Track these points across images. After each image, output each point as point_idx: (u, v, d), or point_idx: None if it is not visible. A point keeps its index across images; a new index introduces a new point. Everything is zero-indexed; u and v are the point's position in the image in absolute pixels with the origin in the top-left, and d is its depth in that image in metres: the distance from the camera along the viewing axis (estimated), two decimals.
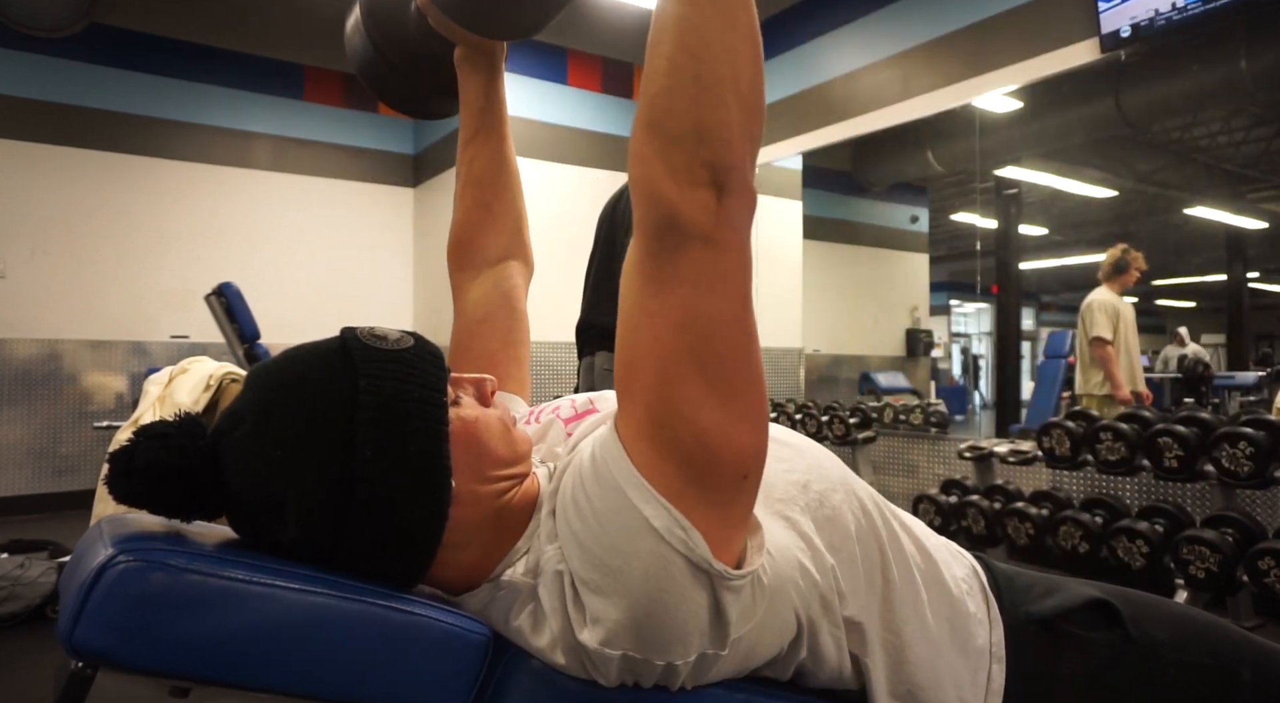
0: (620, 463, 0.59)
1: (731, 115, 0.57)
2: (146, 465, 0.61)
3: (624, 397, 0.61)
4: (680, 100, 0.57)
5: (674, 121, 0.57)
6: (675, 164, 0.56)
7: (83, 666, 0.54)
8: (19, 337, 4.76)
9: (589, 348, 2.15)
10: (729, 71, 0.57)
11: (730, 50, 0.58)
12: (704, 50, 0.57)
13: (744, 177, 0.58)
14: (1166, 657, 0.75)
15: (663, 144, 0.57)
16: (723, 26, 0.58)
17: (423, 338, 0.71)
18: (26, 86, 4.79)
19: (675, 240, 0.57)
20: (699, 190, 0.56)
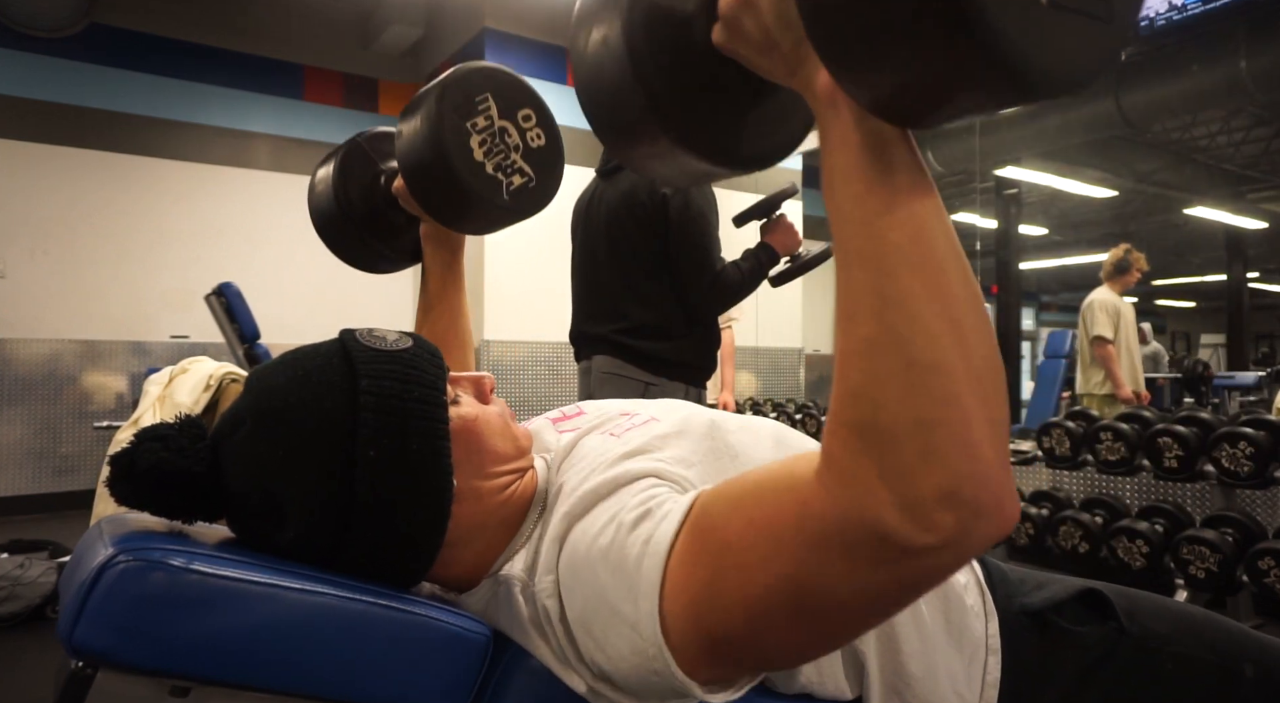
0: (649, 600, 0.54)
1: (967, 410, 0.43)
2: (147, 468, 0.62)
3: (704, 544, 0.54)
4: (891, 392, 0.44)
5: (887, 417, 0.44)
6: (896, 473, 0.44)
7: (83, 665, 0.54)
8: (19, 337, 4.76)
9: (585, 352, 2.15)
10: (952, 352, 0.44)
11: (949, 323, 0.44)
12: (913, 330, 0.44)
13: (997, 490, 0.44)
14: (1164, 651, 0.75)
15: (874, 442, 0.44)
16: (932, 295, 0.45)
17: (421, 338, 0.71)
18: (26, 86, 4.79)
19: (869, 543, 0.45)
20: (934, 518, 0.43)
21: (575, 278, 2.22)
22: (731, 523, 0.52)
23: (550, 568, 0.62)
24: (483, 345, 4.99)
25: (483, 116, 0.97)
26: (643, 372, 1.98)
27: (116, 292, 5.03)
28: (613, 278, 2.04)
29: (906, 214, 0.46)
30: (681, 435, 0.70)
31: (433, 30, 5.67)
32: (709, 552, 0.53)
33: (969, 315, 0.45)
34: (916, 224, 0.46)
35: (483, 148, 0.97)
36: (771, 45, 0.51)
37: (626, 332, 2.00)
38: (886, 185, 0.46)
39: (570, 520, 0.62)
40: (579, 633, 0.59)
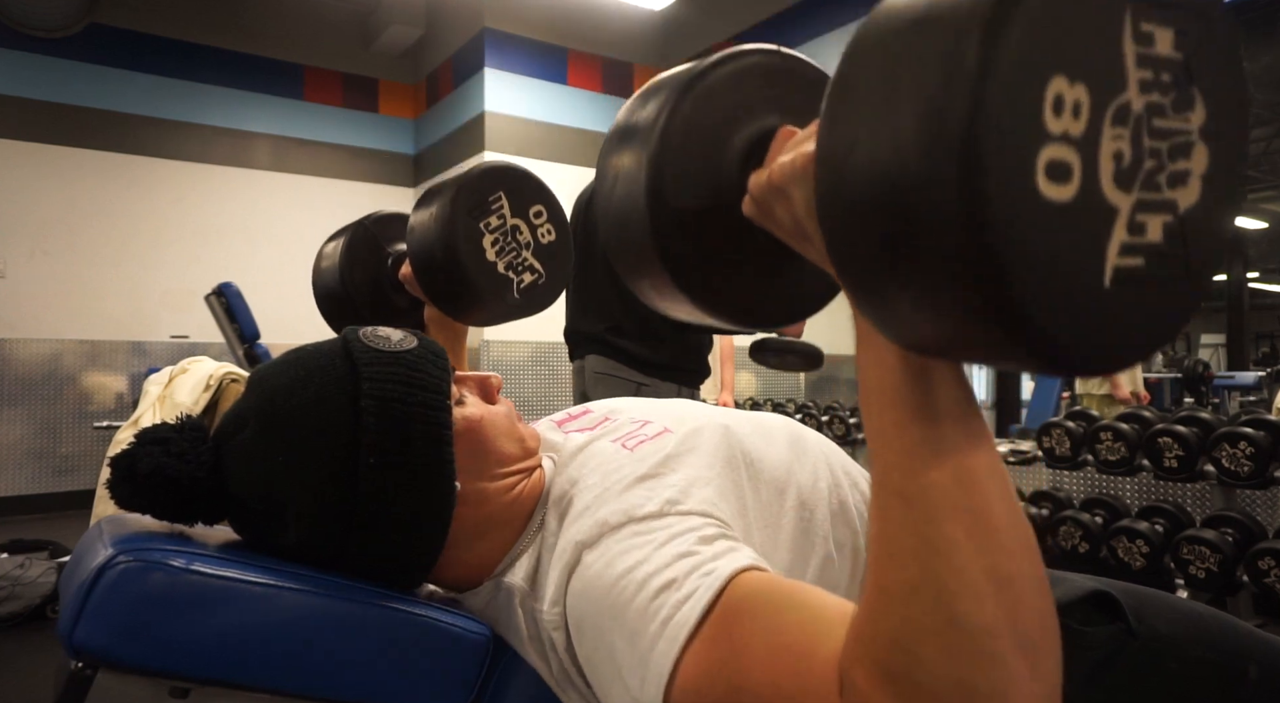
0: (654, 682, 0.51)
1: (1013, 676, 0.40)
2: (148, 472, 0.61)
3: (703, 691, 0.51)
4: (930, 648, 0.40)
5: (924, 673, 0.40)
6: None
7: (82, 666, 0.54)
8: (19, 337, 4.76)
9: (579, 351, 2.15)
10: (1000, 611, 0.40)
11: (997, 578, 0.40)
12: (958, 584, 0.40)
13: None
14: (1169, 652, 0.75)
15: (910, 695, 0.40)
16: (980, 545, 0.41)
17: (426, 337, 0.70)
18: (26, 86, 4.79)
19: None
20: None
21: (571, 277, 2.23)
22: (756, 668, 0.48)
23: (558, 600, 0.60)
24: (483, 345, 4.99)
25: (495, 215, 0.99)
26: (634, 372, 1.97)
27: (116, 292, 5.02)
28: (606, 276, 2.04)
29: (952, 454, 0.41)
30: (694, 450, 0.68)
31: (433, 30, 5.67)
32: (727, 680, 0.49)
33: (1022, 570, 0.41)
34: (964, 467, 0.41)
35: (495, 247, 0.98)
36: (804, 235, 0.47)
37: (617, 332, 2.00)
38: (929, 419, 0.42)
39: (581, 549, 0.59)
40: (585, 669, 0.59)
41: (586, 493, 0.64)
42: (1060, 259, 0.33)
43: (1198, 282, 0.38)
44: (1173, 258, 0.36)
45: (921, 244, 0.33)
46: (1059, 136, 0.32)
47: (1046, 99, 0.31)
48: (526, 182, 1.04)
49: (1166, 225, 0.36)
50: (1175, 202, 0.36)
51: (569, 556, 0.60)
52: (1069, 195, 0.32)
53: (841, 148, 0.36)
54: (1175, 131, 0.35)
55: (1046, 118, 0.31)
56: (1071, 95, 0.32)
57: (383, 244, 1.16)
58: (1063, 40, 0.32)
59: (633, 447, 0.69)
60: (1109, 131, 0.33)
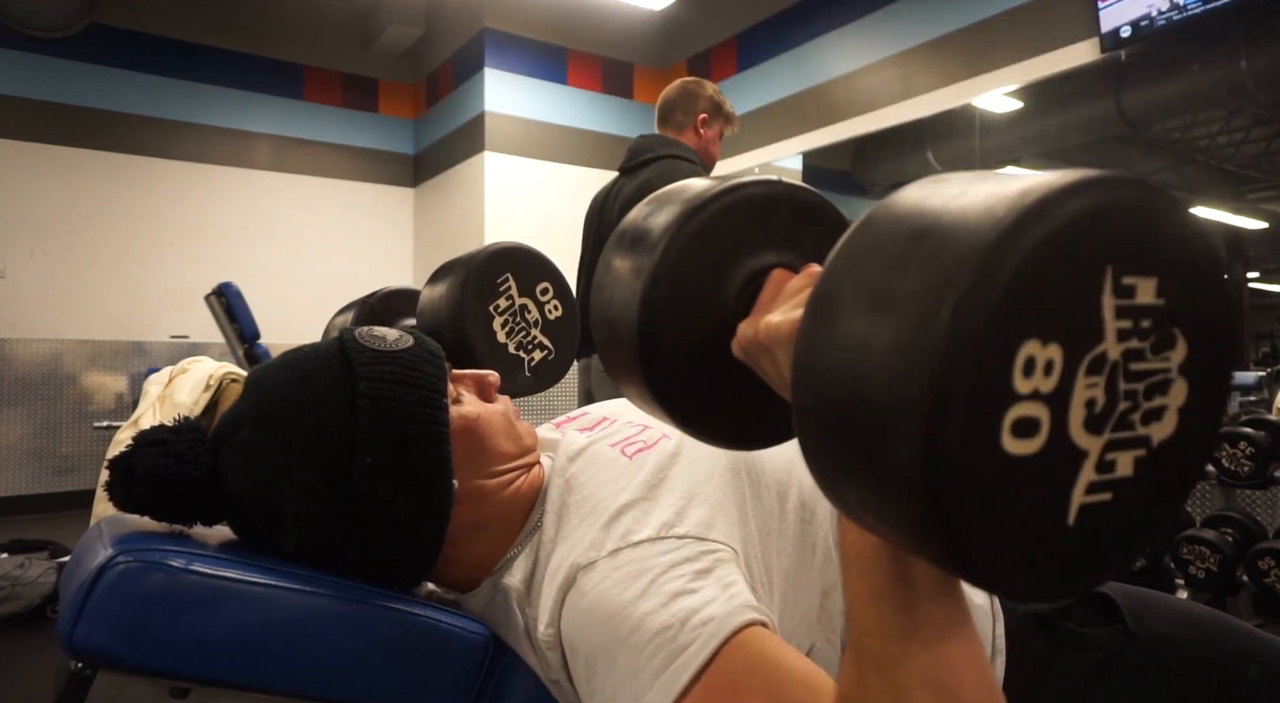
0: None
1: None
2: (146, 474, 0.61)
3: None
4: None
5: None
6: None
7: (82, 666, 0.54)
8: (19, 337, 4.76)
9: (586, 349, 2.15)
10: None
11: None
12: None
13: None
14: (1169, 652, 0.75)
15: None
16: None
17: (422, 337, 0.70)
18: (26, 86, 4.78)
19: None
20: None
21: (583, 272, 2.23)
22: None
23: (552, 621, 0.60)
24: None
25: (504, 297, 1.00)
26: None
27: (116, 292, 5.02)
28: None
29: (929, 634, 0.42)
30: (693, 460, 0.67)
31: (433, 30, 5.67)
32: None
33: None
34: (940, 651, 0.42)
35: (504, 328, 1.00)
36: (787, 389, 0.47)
37: None
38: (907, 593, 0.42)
39: (575, 571, 0.59)
40: (581, 691, 0.59)
41: (584, 505, 0.64)
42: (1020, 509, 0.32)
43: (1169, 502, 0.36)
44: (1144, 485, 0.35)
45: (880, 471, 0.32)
46: (1028, 395, 0.31)
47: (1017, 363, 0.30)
48: (533, 260, 1.05)
49: (1138, 459, 0.34)
50: (1149, 437, 0.35)
51: (564, 575, 0.59)
52: (1034, 448, 0.31)
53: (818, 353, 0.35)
54: (1153, 372, 0.34)
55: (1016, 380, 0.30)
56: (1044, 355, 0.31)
57: (390, 322, 1.16)
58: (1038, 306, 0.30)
59: (631, 454, 0.69)
60: (1082, 381, 0.32)
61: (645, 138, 2.30)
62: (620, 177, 2.25)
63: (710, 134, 2.30)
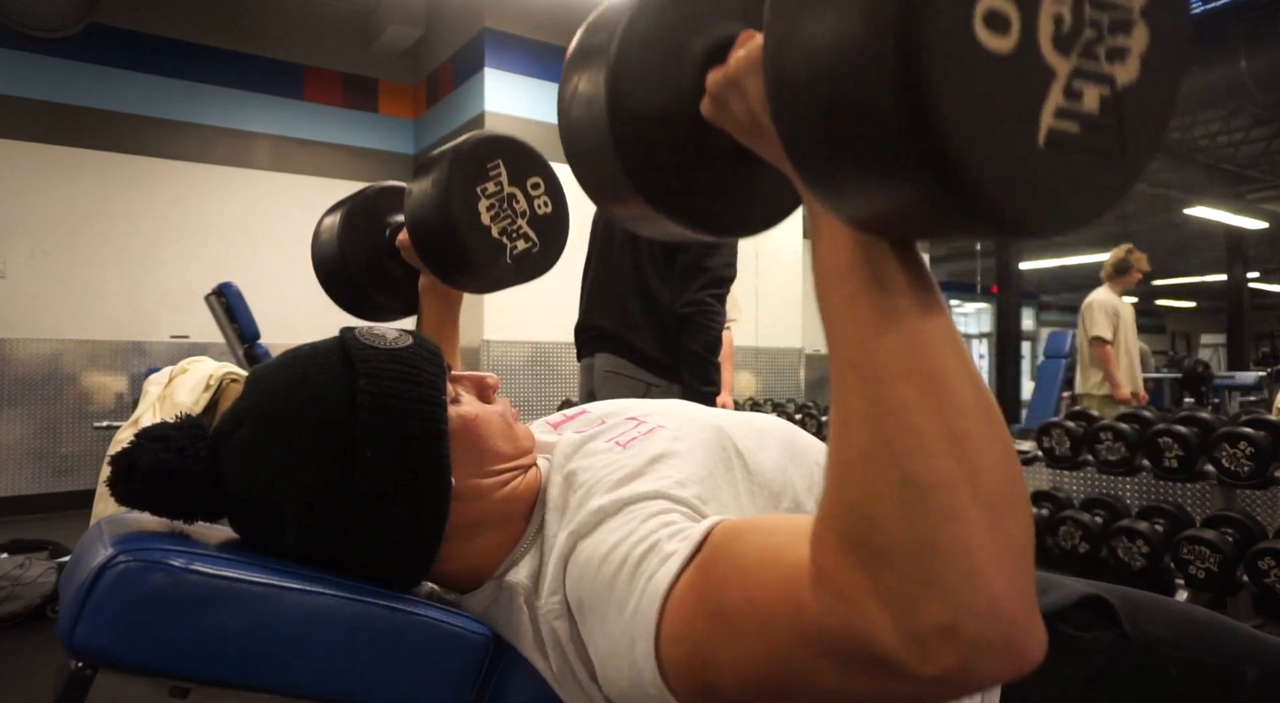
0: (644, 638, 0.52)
1: (970, 530, 0.38)
2: (148, 469, 0.61)
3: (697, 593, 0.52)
4: (887, 508, 0.40)
5: (883, 537, 0.40)
6: (893, 594, 0.39)
7: (82, 666, 0.54)
8: (19, 337, 4.76)
9: (588, 349, 2.14)
10: (956, 467, 0.39)
11: (950, 436, 0.40)
12: (911, 442, 0.40)
13: (1005, 623, 0.38)
14: (1167, 655, 0.75)
15: (870, 561, 0.40)
16: (932, 405, 0.40)
17: (421, 336, 0.71)
18: (26, 86, 4.79)
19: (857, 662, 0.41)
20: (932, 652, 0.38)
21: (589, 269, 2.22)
22: (731, 590, 0.49)
23: (556, 589, 0.61)
24: (483, 345, 4.99)
25: (493, 182, 1.00)
26: (645, 372, 1.97)
27: (116, 292, 5.03)
28: (625, 272, 2.03)
29: (903, 320, 0.42)
30: (688, 450, 0.68)
31: (433, 30, 5.67)
32: (705, 613, 0.50)
33: (978, 428, 0.40)
34: (915, 331, 0.42)
35: (490, 212, 0.99)
36: (759, 130, 0.49)
37: (630, 329, 1.99)
38: (882, 289, 0.42)
39: (576, 538, 0.60)
40: (590, 652, 0.59)
41: (580, 489, 0.65)
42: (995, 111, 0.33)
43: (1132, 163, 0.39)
44: (1107, 131, 0.37)
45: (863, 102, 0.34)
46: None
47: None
48: (526, 153, 1.06)
49: (1103, 98, 0.37)
50: (1113, 76, 0.37)
51: (564, 545, 0.61)
52: (1007, 48, 0.33)
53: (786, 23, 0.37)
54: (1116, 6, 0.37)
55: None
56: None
57: (382, 214, 1.16)
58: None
59: (626, 443, 0.69)
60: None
61: None
62: None
63: None
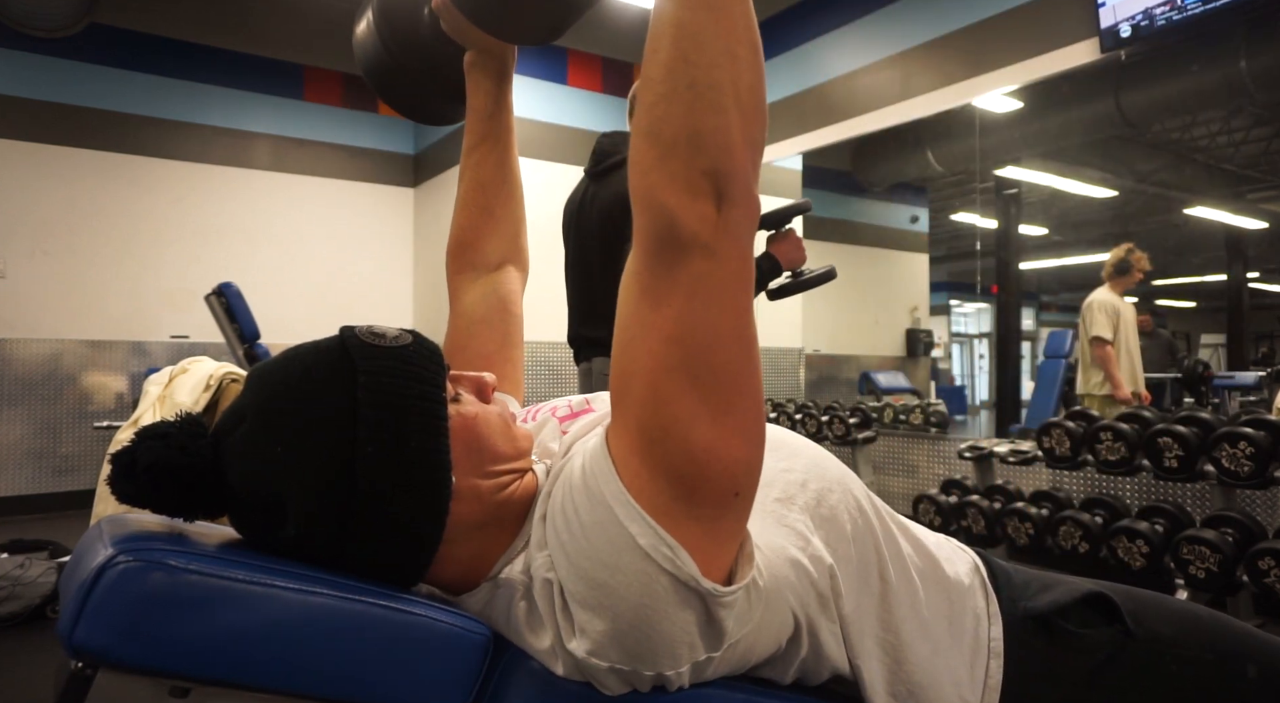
0: (608, 478, 0.58)
1: (730, 120, 0.55)
2: (148, 466, 0.61)
3: (617, 408, 0.60)
4: (676, 107, 0.55)
5: (671, 129, 0.55)
6: (674, 173, 0.55)
7: (82, 666, 0.54)
8: (19, 337, 4.76)
9: (584, 354, 2.14)
10: (727, 76, 0.56)
11: (727, 54, 0.56)
12: (700, 55, 0.56)
13: (745, 184, 0.56)
14: (1168, 653, 0.75)
15: (661, 153, 0.56)
16: (719, 30, 0.56)
17: (421, 335, 0.71)
18: (26, 86, 4.79)
19: (673, 251, 0.56)
20: (698, 200, 0.55)
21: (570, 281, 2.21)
22: (621, 357, 0.60)
23: (542, 544, 0.63)
24: None
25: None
26: None
27: (116, 292, 5.03)
28: (606, 281, 2.03)
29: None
30: None
31: None
32: (620, 402, 0.60)
33: (746, 50, 0.57)
34: None
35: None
36: None
37: None
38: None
39: (547, 498, 0.65)
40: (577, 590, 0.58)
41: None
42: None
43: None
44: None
45: None
46: None
47: None
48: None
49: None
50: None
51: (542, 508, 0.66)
52: None
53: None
54: None
55: None
56: None
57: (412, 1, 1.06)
58: None
59: None
60: None
61: (608, 137, 2.21)
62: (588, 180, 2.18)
63: None
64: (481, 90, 1.02)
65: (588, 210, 2.12)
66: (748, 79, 0.57)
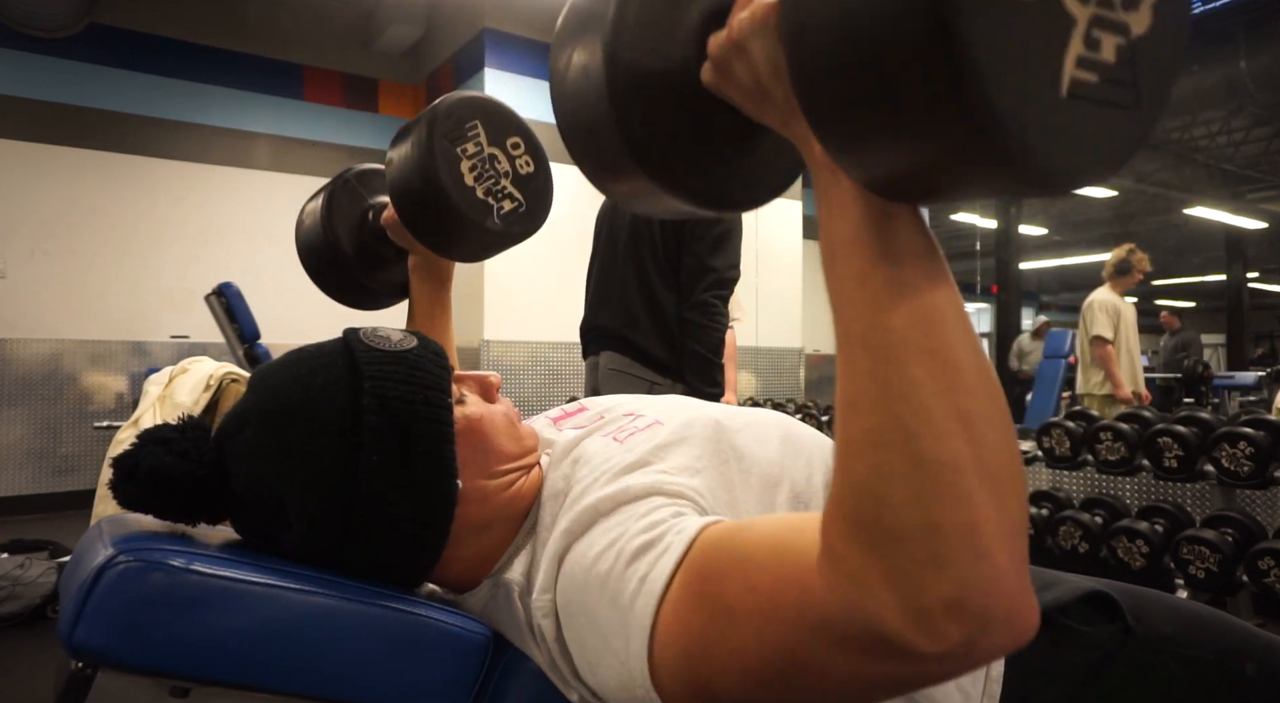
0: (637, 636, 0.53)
1: (978, 512, 0.39)
2: (150, 471, 0.61)
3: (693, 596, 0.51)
4: (898, 490, 0.40)
5: (893, 517, 0.40)
6: (901, 573, 0.40)
7: (82, 666, 0.54)
8: (19, 337, 4.76)
9: (594, 348, 2.14)
10: (964, 448, 0.40)
11: (960, 417, 0.41)
12: (922, 424, 0.40)
13: (1009, 600, 0.40)
14: (1168, 651, 0.75)
15: (879, 542, 0.41)
16: (943, 385, 0.41)
17: (425, 337, 0.70)
18: (26, 86, 4.79)
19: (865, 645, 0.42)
20: (938, 628, 0.39)
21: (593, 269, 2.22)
22: (731, 581, 0.49)
23: (548, 587, 0.60)
24: (482, 345, 4.99)
25: (472, 142, 0.99)
26: (649, 371, 1.98)
27: (116, 292, 5.02)
28: (628, 272, 2.04)
29: (914, 295, 0.42)
30: (685, 441, 0.68)
31: (433, 30, 5.67)
32: (705, 606, 0.50)
33: (985, 409, 0.41)
34: (925, 307, 0.42)
35: (473, 173, 0.98)
36: (764, 94, 0.48)
37: (634, 328, 2.00)
38: (891, 263, 0.43)
39: (570, 538, 0.60)
40: (574, 653, 0.59)
41: (578, 486, 0.65)
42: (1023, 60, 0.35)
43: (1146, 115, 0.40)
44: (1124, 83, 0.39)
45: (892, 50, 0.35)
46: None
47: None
48: (502, 112, 1.04)
49: (1119, 48, 0.38)
50: (1128, 24, 0.39)
51: (558, 544, 0.61)
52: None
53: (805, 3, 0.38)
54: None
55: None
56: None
57: (365, 195, 1.14)
58: None
59: (623, 439, 0.70)
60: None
61: None
62: None
63: None
64: (425, 291, 1.10)
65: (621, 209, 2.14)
66: (994, 440, 0.41)
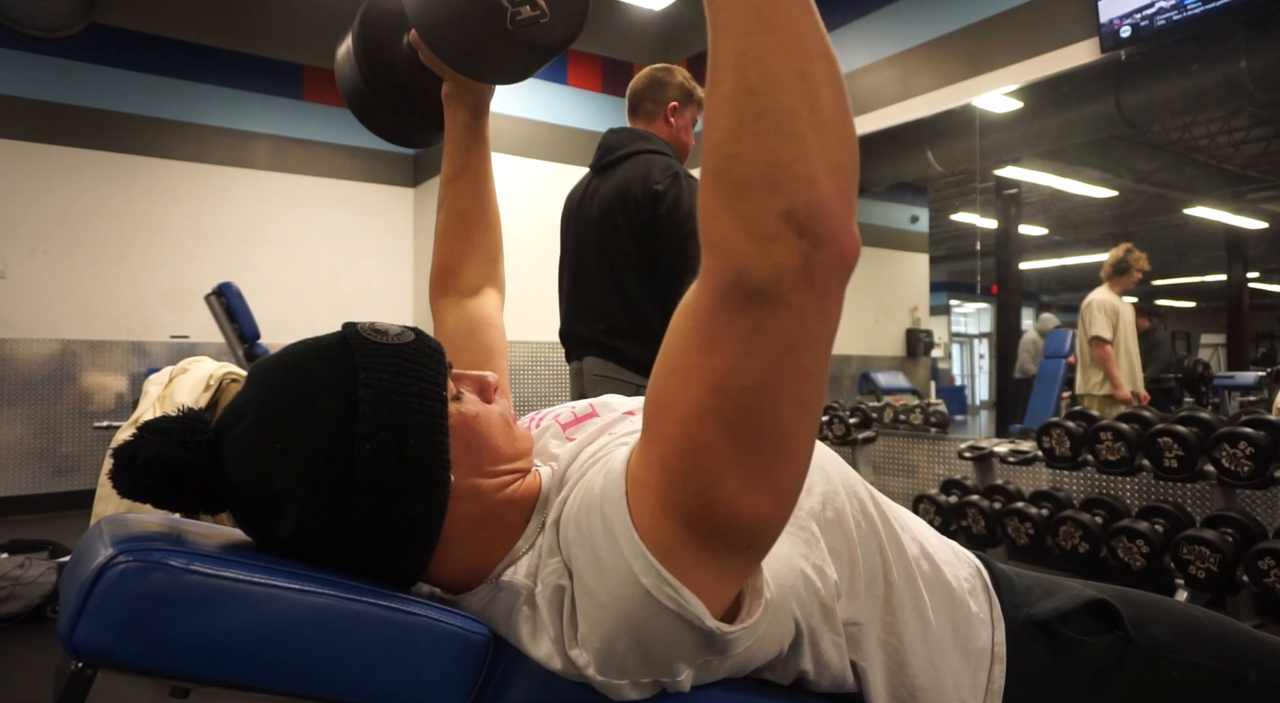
0: (619, 511, 0.57)
1: (809, 148, 0.47)
2: (149, 460, 0.62)
3: (645, 436, 0.57)
4: (746, 141, 0.48)
5: (741, 167, 0.48)
6: (747, 216, 0.47)
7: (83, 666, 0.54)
8: (19, 337, 4.76)
9: (576, 353, 2.14)
10: (800, 99, 0.48)
11: (798, 74, 0.48)
12: (766, 82, 0.48)
13: (833, 219, 0.47)
14: (1169, 659, 0.75)
15: (732, 195, 0.48)
16: (785, 50, 0.48)
17: (424, 333, 0.71)
18: (26, 86, 4.79)
19: (739, 299, 0.49)
20: (775, 246, 0.47)
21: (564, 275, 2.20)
22: (659, 387, 0.55)
23: (554, 550, 0.63)
24: None
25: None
26: (633, 374, 1.97)
27: (116, 292, 5.02)
28: (601, 276, 2.03)
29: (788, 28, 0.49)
30: None
31: None
32: (648, 432, 0.56)
33: (821, 71, 0.49)
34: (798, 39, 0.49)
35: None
36: None
37: (612, 333, 1.99)
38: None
39: (562, 504, 0.64)
40: (582, 604, 0.59)
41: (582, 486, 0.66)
42: None
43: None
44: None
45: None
46: None
47: None
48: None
49: None
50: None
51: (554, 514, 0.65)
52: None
53: None
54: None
55: None
56: None
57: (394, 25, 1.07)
58: None
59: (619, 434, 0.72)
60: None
61: (614, 132, 2.19)
62: (592, 175, 2.17)
63: (681, 122, 2.19)
64: (458, 122, 1.03)
65: (588, 205, 2.11)
66: (828, 95, 0.49)
